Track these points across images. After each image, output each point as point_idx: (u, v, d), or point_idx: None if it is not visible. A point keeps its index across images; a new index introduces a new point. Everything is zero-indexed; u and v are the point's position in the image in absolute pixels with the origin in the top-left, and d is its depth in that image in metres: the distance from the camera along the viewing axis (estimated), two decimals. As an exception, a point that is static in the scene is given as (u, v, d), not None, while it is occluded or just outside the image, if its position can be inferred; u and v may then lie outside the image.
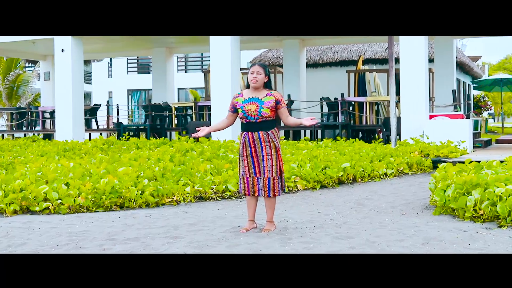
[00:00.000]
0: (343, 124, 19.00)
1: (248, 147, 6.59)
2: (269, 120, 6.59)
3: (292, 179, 10.11)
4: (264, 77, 6.60)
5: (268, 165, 6.56)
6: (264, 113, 6.54)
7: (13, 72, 33.68)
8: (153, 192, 8.65)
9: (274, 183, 6.57)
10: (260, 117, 6.54)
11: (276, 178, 6.58)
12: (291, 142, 15.02)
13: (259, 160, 6.57)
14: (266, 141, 6.56)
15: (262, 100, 6.58)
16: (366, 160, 11.66)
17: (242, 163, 6.65)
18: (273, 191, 6.56)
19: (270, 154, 6.56)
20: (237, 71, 18.01)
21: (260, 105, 6.55)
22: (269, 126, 6.59)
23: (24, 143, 16.14)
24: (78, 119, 19.86)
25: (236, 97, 6.70)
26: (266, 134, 6.56)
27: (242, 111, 6.59)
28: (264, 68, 6.63)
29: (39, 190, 8.24)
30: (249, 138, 6.58)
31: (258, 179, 6.57)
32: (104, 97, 41.93)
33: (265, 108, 6.54)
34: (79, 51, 20.07)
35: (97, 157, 11.14)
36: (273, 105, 6.57)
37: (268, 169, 6.56)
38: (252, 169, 6.59)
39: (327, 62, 26.06)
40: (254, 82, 6.60)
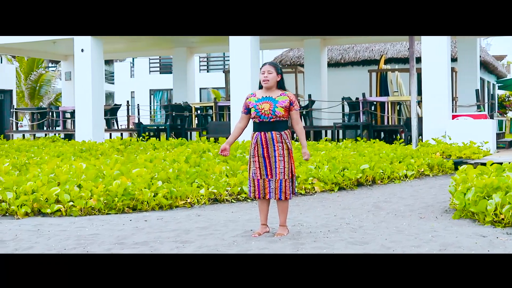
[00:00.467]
0: (364, 124, 18.75)
1: (260, 147, 6.41)
2: (282, 120, 6.41)
3: (309, 181, 9.92)
4: (276, 75, 6.42)
5: (280, 166, 6.37)
6: (278, 112, 6.36)
7: (35, 72, 33.84)
8: (166, 194, 8.50)
9: (285, 185, 6.38)
10: (273, 117, 6.36)
11: (287, 180, 6.39)
12: (310, 143, 14.82)
13: (271, 161, 6.38)
14: (279, 142, 6.38)
15: (276, 99, 6.40)
16: (386, 161, 11.43)
17: (253, 164, 6.46)
18: (284, 194, 6.37)
19: (283, 155, 6.38)
20: (256, 71, 17.82)
21: (274, 104, 6.37)
22: (283, 126, 6.41)
23: (42, 143, 16.08)
24: (98, 120, 19.80)
25: (249, 97, 6.53)
26: (279, 134, 6.38)
27: (255, 110, 6.41)
28: (274, 66, 6.45)
29: (51, 192, 8.13)
30: (261, 138, 6.40)
31: (269, 181, 6.38)
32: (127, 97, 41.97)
33: (279, 107, 6.37)
34: (99, 51, 20.01)
35: (113, 158, 11.02)
36: (287, 105, 6.40)
37: (280, 171, 6.37)
38: (264, 171, 6.40)
39: (349, 61, 25.77)
40: (266, 81, 6.42)
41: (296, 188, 6.64)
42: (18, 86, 34.53)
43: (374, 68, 22.59)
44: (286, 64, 26.70)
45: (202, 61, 41.55)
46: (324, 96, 22.10)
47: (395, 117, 19.36)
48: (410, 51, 14.42)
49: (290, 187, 6.44)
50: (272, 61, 6.59)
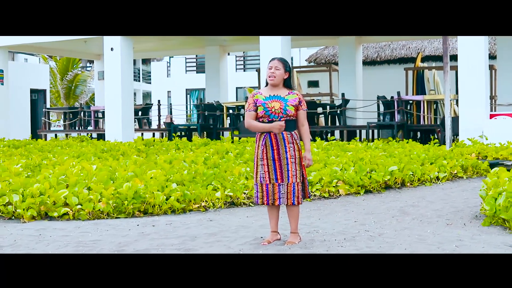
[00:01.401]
0: (399, 124, 18.14)
1: (270, 149, 5.95)
2: (293, 120, 5.96)
3: (333, 183, 9.42)
4: (283, 73, 5.97)
5: (293, 168, 5.90)
6: (289, 111, 5.91)
7: (71, 72, 33.84)
8: (179, 197, 8.09)
9: (298, 189, 5.92)
10: (285, 116, 5.91)
11: (299, 184, 5.93)
12: (340, 143, 14.30)
13: (282, 164, 5.91)
14: (290, 142, 5.92)
15: (286, 98, 5.95)
16: (416, 162, 10.87)
17: (262, 167, 5.99)
18: (297, 198, 5.90)
19: (295, 157, 5.92)
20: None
21: (284, 103, 5.92)
22: (293, 126, 5.97)
23: (67, 143, 15.84)
24: (128, 119, 19.55)
25: (255, 94, 6.08)
26: (290, 134, 5.92)
27: (264, 108, 5.95)
28: (283, 63, 5.99)
29: (59, 194, 7.78)
30: (271, 139, 5.94)
31: (279, 186, 5.91)
32: (163, 96, 41.86)
33: (290, 106, 5.92)
34: (128, 50, 19.76)
35: (131, 159, 10.67)
36: (297, 104, 5.96)
37: (293, 174, 5.90)
38: (273, 175, 5.93)
39: (385, 59, 25.15)
40: (272, 78, 5.97)
41: (309, 191, 6.13)
42: (54, 86, 34.60)
43: (411, 66, 21.96)
44: (321, 62, 26.19)
45: (239, 60, 41.23)
46: (359, 95, 21.55)
47: (431, 116, 18.71)
48: (443, 47, 13.82)
49: (302, 191, 5.98)
50: (282, 57, 6.13)
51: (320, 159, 10.73)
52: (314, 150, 12.00)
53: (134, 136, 19.90)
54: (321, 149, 12.51)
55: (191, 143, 14.34)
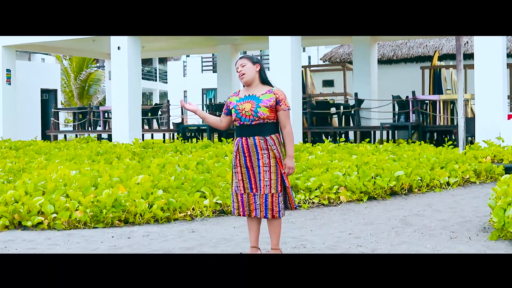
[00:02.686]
0: (413, 125, 17.44)
1: (242, 156, 5.36)
2: (268, 123, 5.33)
3: (334, 190, 8.80)
4: (252, 65, 5.37)
5: (265, 178, 5.29)
6: (261, 113, 5.29)
7: (84, 71, 33.47)
8: (163, 205, 7.51)
9: (272, 201, 5.29)
10: (256, 119, 5.30)
11: (275, 195, 5.30)
12: (349, 145, 13.63)
13: (255, 172, 5.31)
14: (263, 149, 5.30)
15: (260, 97, 5.34)
16: (425, 167, 10.21)
17: (235, 176, 5.41)
18: (271, 211, 5.28)
19: (268, 165, 5.29)
20: (298, 71, 16.74)
21: (256, 103, 5.31)
22: (268, 130, 5.34)
23: (65, 145, 15.33)
24: (135, 120, 19.01)
25: (231, 96, 5.50)
26: (263, 139, 5.30)
27: (235, 111, 5.38)
28: (247, 57, 5.43)
29: (33, 202, 7.25)
30: (242, 144, 5.35)
31: (254, 196, 5.32)
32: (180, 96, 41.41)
33: (263, 107, 5.30)
34: (136, 49, 19.22)
35: (124, 162, 10.12)
36: (273, 104, 5.32)
37: (265, 184, 5.29)
38: (248, 184, 5.34)
39: (402, 58, 24.39)
40: (242, 76, 5.39)
41: (295, 202, 5.49)
42: (68, 86, 34.26)
43: (428, 65, 21.24)
44: (336, 61, 25.52)
45: (255, 59, 40.68)
46: (373, 94, 20.86)
47: (447, 116, 17.97)
48: (456, 45, 13.12)
49: (280, 203, 5.34)
50: (245, 54, 5.56)
51: (323, 163, 10.11)
52: (318, 153, 11.37)
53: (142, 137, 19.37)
54: (326, 152, 11.88)
55: (191, 145, 13.76)
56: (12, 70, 21.61)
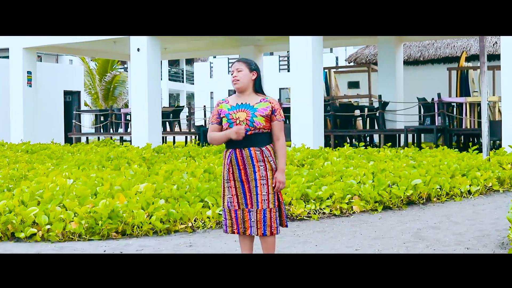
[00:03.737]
0: (439, 128, 16.90)
1: (236, 168, 4.95)
2: (263, 133, 4.93)
3: (346, 199, 8.37)
4: (248, 73, 4.95)
5: (263, 192, 4.90)
6: (257, 122, 4.89)
7: (109, 73, 33.34)
8: (163, 216, 7.15)
9: (271, 217, 4.90)
10: (252, 128, 4.90)
11: (273, 210, 4.91)
12: (369, 150, 13.16)
13: (251, 186, 4.91)
14: (260, 160, 4.90)
15: (255, 106, 4.94)
16: (446, 174, 9.72)
17: (228, 190, 5.00)
18: (269, 228, 4.89)
19: (266, 178, 4.90)
20: (319, 72, 16.28)
21: (252, 112, 4.91)
22: (264, 140, 4.94)
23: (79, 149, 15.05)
24: (155, 122, 18.69)
25: (220, 103, 5.09)
26: (259, 151, 4.91)
27: (228, 120, 4.96)
28: (246, 62, 4.99)
29: (27, 212, 6.94)
30: (236, 156, 4.94)
31: (250, 213, 4.92)
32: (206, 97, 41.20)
33: (259, 116, 4.90)
34: (155, 50, 18.91)
35: (132, 169, 9.79)
36: (269, 114, 4.93)
37: (263, 198, 4.90)
38: (243, 199, 4.94)
39: (429, 59, 23.82)
40: (235, 82, 4.97)
41: (287, 219, 5.09)
42: (93, 87, 34.16)
43: (455, 66, 20.66)
44: (361, 62, 25.01)
45: (282, 60, 40.31)
46: (399, 96, 20.31)
47: (474, 119, 17.39)
48: (480, 45, 12.58)
49: (277, 219, 4.96)
50: (244, 58, 5.13)
51: (337, 170, 9.69)
52: (334, 159, 10.93)
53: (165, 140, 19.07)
54: (343, 158, 11.43)
55: (206, 149, 13.39)
56: (33, 72, 21.45)
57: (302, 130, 15.70)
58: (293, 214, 7.89)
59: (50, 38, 20.47)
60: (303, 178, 8.80)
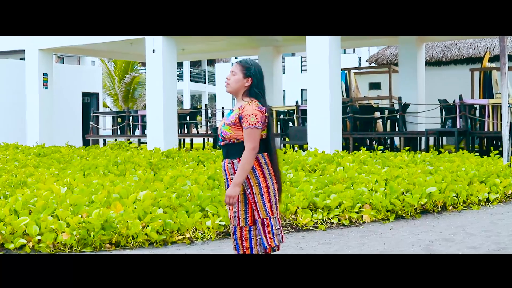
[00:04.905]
0: (460, 131, 16.38)
1: (225, 181, 4.62)
2: (234, 144, 4.46)
3: (356, 208, 7.97)
4: (241, 78, 4.48)
5: (234, 208, 4.56)
6: (224, 132, 4.49)
7: (129, 74, 33.16)
8: (159, 227, 6.80)
9: (241, 235, 4.58)
10: (223, 138, 4.52)
11: (246, 228, 4.55)
12: (386, 154, 12.70)
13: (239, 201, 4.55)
14: (231, 174, 4.49)
15: (231, 113, 4.55)
16: (463, 181, 9.28)
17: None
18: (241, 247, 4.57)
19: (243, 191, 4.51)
20: (336, 73, 15.85)
21: (226, 120, 4.54)
22: (235, 152, 4.47)
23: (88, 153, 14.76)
24: (170, 125, 18.37)
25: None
26: (231, 163, 4.49)
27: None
28: (243, 66, 4.53)
29: (18, 222, 6.62)
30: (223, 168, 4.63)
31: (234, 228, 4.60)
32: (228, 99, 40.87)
33: (226, 125, 4.49)
34: (171, 51, 18.60)
35: (137, 175, 9.46)
36: (236, 122, 4.44)
37: (234, 215, 4.57)
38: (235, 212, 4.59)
39: (451, 59, 23.27)
40: (226, 85, 4.57)
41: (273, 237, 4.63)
42: (113, 89, 34.03)
43: (478, 67, 20.11)
44: (382, 63, 24.52)
45: (305, 61, 39.86)
46: (420, 98, 19.79)
47: (497, 122, 16.85)
48: (500, 45, 12.08)
49: (253, 238, 4.55)
50: (244, 59, 4.71)
51: (348, 177, 9.28)
52: (347, 165, 10.51)
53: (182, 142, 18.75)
54: (356, 163, 11.00)
55: (218, 152, 13.02)
56: (49, 74, 21.27)
57: (319, 133, 15.30)
58: (299, 224, 7.50)
59: (65, 39, 20.26)
60: (311, 185, 8.40)
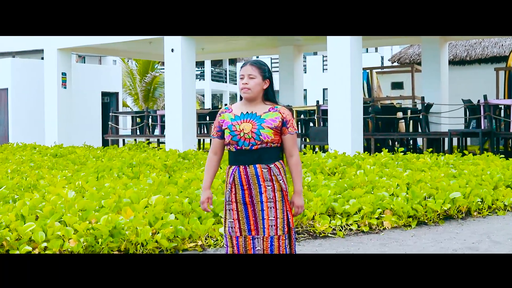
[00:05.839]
0: (484, 132, 15.97)
1: (239, 189, 4.28)
2: (271, 148, 4.22)
3: (376, 214, 7.65)
4: (261, 81, 4.23)
5: (271, 217, 4.21)
6: (264, 135, 4.19)
7: (149, 74, 33.00)
8: (170, 234, 6.54)
9: (279, 245, 4.24)
10: (258, 142, 4.19)
11: (282, 237, 4.24)
12: (408, 156, 12.34)
13: (256, 210, 4.24)
14: (267, 180, 4.20)
15: (262, 117, 4.23)
16: (488, 185, 8.93)
17: (230, 214, 4.32)
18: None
19: (274, 200, 4.21)
20: (358, 73, 15.51)
21: (258, 123, 4.22)
22: (272, 156, 4.23)
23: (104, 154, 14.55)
24: (189, 125, 18.13)
25: (222, 113, 4.41)
26: (267, 168, 4.21)
27: (231, 132, 4.25)
28: (259, 67, 4.25)
29: (24, 228, 6.39)
30: (240, 175, 4.25)
31: (253, 240, 4.26)
32: (249, 98, 40.54)
33: (267, 128, 4.19)
34: (190, 51, 18.36)
35: (151, 178, 9.20)
36: (278, 126, 4.20)
37: (271, 224, 4.21)
38: (245, 224, 4.27)
39: (475, 58, 22.81)
40: (246, 90, 4.28)
41: (295, 248, 4.40)
42: (133, 88, 33.89)
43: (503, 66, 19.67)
44: (405, 62, 24.11)
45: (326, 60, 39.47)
46: (444, 97, 19.38)
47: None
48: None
49: (287, 247, 4.29)
50: (257, 60, 4.42)
51: (369, 181, 8.96)
52: (367, 168, 10.18)
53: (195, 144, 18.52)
54: (377, 166, 10.67)
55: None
56: (68, 74, 21.13)
57: (340, 134, 14.99)
58: (316, 231, 7.20)
59: (84, 39, 20.12)
60: (329, 190, 8.09)
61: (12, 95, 23.02)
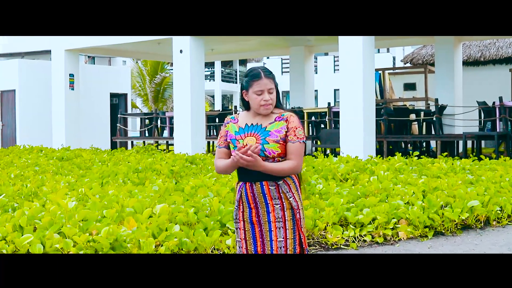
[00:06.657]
0: (500, 135, 15.56)
1: (246, 207, 3.93)
2: (279, 163, 3.86)
3: (391, 224, 7.30)
4: (276, 91, 3.90)
5: (280, 237, 3.84)
6: (269, 151, 3.81)
7: (159, 75, 32.74)
8: (174, 247, 6.22)
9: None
10: (263, 158, 3.80)
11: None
12: (423, 161, 11.95)
13: (264, 230, 3.90)
14: (275, 198, 3.83)
15: (267, 128, 3.86)
16: (507, 193, 8.56)
17: (237, 232, 3.97)
18: None
19: (283, 220, 3.84)
20: (370, 74, 15.15)
21: (263, 137, 3.84)
22: None
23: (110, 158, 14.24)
24: (198, 127, 17.82)
25: (228, 123, 4.06)
26: (275, 185, 3.83)
27: (235, 148, 3.92)
28: (273, 78, 3.89)
29: (21, 240, 6.09)
30: (247, 193, 3.89)
31: None
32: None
33: (272, 142, 3.81)
34: (199, 52, 18.05)
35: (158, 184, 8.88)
36: (284, 136, 3.82)
37: (280, 245, 3.85)
38: (252, 245, 3.93)
39: (490, 59, 22.38)
40: (268, 107, 3.87)
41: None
42: (143, 89, 33.64)
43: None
44: (417, 63, 23.72)
45: (338, 61, 39.13)
46: (457, 99, 18.97)
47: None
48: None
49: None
50: (266, 69, 4.02)
51: (383, 188, 8.60)
52: (381, 174, 9.83)
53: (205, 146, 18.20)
54: (391, 172, 10.30)
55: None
56: (76, 75, 20.86)
57: (351, 136, 14.63)
58: (328, 243, 6.86)
59: (92, 40, 19.87)
60: (342, 198, 7.74)
61: (20, 97, 22.82)
